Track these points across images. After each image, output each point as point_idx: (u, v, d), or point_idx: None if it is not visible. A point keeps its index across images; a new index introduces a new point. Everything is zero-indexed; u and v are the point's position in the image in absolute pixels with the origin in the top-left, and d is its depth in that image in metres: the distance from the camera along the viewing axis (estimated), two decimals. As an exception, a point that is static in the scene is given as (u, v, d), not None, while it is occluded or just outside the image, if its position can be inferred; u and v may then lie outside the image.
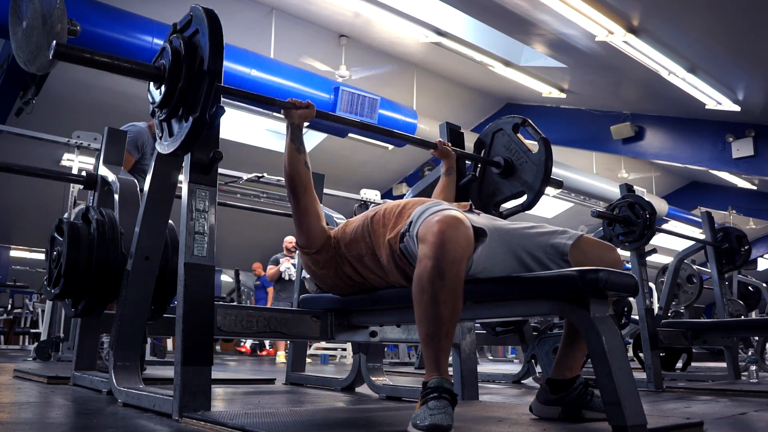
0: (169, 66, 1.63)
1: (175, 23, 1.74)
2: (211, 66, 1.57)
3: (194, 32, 1.65)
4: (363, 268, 1.82)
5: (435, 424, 1.28)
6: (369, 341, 2.33)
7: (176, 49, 1.64)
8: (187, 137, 1.61)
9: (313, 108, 1.90)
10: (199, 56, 1.60)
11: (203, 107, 1.57)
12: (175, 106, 1.64)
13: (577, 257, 1.56)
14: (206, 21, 1.60)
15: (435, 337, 1.39)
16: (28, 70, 2.44)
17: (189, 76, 1.61)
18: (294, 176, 1.85)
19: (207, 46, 1.57)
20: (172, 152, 1.70)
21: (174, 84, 1.63)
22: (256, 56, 5.97)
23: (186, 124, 1.60)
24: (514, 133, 2.33)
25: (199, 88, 1.58)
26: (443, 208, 1.57)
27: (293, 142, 1.86)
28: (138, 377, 2.11)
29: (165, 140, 1.72)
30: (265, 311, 2.06)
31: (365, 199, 6.50)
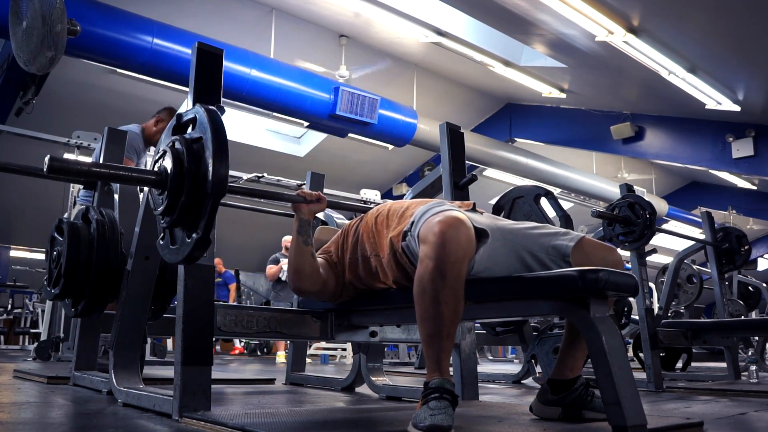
0: (171, 177, 1.52)
1: (179, 114, 1.62)
2: (215, 189, 1.44)
3: (197, 139, 1.52)
4: (364, 271, 1.82)
5: (435, 424, 1.28)
6: (369, 341, 2.33)
7: (179, 158, 1.52)
8: (190, 254, 1.51)
9: (324, 201, 1.87)
10: (203, 170, 1.47)
11: (206, 228, 1.48)
12: (177, 219, 1.54)
13: (579, 259, 1.56)
14: (211, 131, 1.47)
15: (436, 338, 1.39)
16: (28, 70, 2.44)
17: (191, 193, 1.49)
18: (300, 270, 1.81)
19: (211, 162, 1.44)
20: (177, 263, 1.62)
21: (176, 198, 1.52)
22: (256, 56, 5.97)
23: (188, 241, 1.51)
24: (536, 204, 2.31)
25: (202, 208, 1.47)
26: (445, 208, 1.57)
27: (300, 234, 1.82)
28: (138, 377, 2.11)
29: (167, 245, 1.61)
30: (265, 311, 2.06)
31: (365, 198, 6.50)
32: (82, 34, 3.49)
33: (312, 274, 1.82)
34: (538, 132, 9.01)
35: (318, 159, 8.81)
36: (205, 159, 1.47)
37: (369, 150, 8.84)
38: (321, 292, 1.87)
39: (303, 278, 1.81)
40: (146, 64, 5.29)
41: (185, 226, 1.52)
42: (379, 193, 6.94)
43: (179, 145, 1.53)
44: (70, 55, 4.82)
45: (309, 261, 1.81)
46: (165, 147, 1.58)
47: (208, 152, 1.47)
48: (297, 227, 1.82)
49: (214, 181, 1.44)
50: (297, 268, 1.81)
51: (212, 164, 1.44)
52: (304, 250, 1.81)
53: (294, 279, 1.82)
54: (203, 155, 1.48)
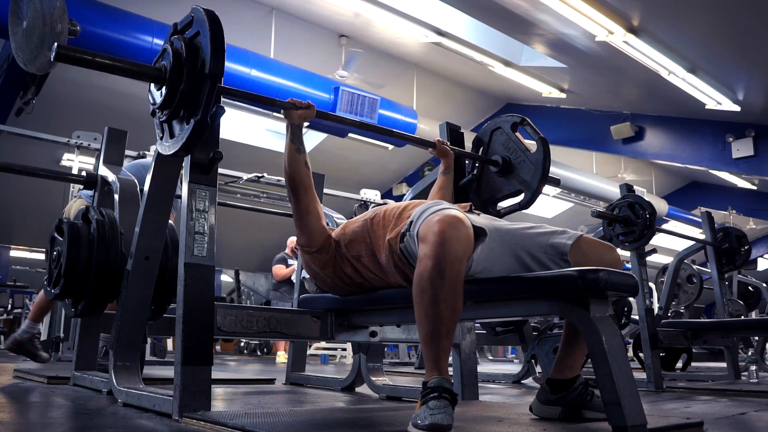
0: (170, 68, 1.62)
1: (175, 23, 1.73)
2: (212, 69, 1.55)
3: (195, 34, 1.64)
4: (363, 269, 1.83)
5: (435, 423, 1.28)
6: (369, 341, 2.33)
7: (177, 51, 1.63)
8: (189, 139, 1.61)
9: (313, 108, 1.90)
10: (201, 58, 1.59)
11: (205, 110, 1.57)
12: (176, 108, 1.64)
13: (577, 257, 1.56)
14: (207, 23, 1.58)
15: (435, 337, 1.39)
16: (28, 70, 2.44)
17: (190, 79, 1.60)
18: (294, 176, 1.86)
19: (209, 48, 1.56)
20: (173, 153, 1.70)
21: (175, 86, 1.62)
22: (256, 56, 5.97)
23: (187, 126, 1.60)
24: (513, 132, 2.33)
25: (201, 90, 1.58)
26: (444, 207, 1.57)
27: (293, 142, 1.87)
28: (138, 377, 2.11)
29: (166, 141, 1.71)
30: (265, 311, 2.06)
31: (365, 199, 6.49)
32: (82, 34, 3.49)
33: (307, 183, 1.86)
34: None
35: (318, 159, 8.78)
36: (203, 48, 1.58)
37: (369, 150, 8.84)
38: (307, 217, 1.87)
39: (298, 183, 1.85)
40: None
41: (184, 113, 1.61)
42: (379, 193, 6.94)
43: (177, 42, 1.64)
44: (70, 55, 4.81)
45: (303, 169, 1.86)
46: (164, 46, 1.68)
47: (205, 41, 1.57)
48: (290, 135, 1.87)
49: (211, 63, 1.54)
50: (292, 174, 1.85)
51: (210, 50, 1.55)
52: (297, 157, 1.86)
53: (290, 184, 1.86)
54: (201, 46, 1.59)
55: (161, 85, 1.66)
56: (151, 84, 1.75)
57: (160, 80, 1.65)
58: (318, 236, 1.88)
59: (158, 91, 1.69)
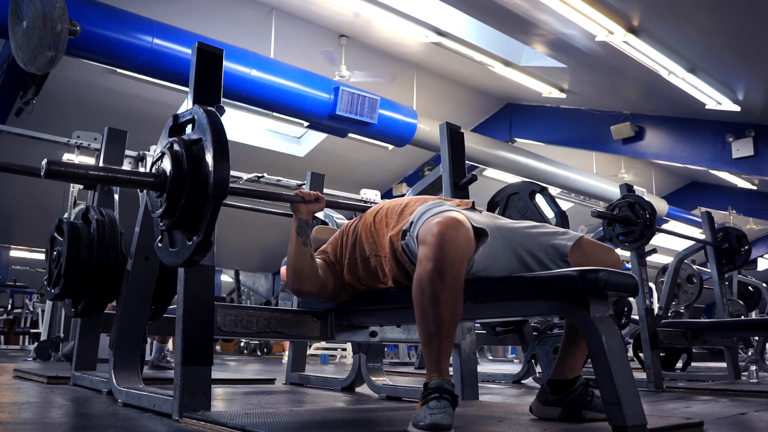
0: (170, 179, 1.49)
1: (175, 115, 1.60)
2: (216, 191, 1.41)
3: (197, 140, 1.49)
4: (363, 272, 1.82)
5: (435, 423, 1.28)
6: (369, 341, 2.33)
7: (178, 159, 1.49)
8: (190, 258, 1.48)
9: (322, 201, 1.86)
10: (203, 173, 1.44)
11: (207, 230, 1.44)
12: (177, 221, 1.51)
13: (578, 258, 1.56)
14: (210, 133, 1.44)
15: (435, 338, 1.39)
16: (28, 70, 2.44)
17: (192, 195, 1.46)
18: (299, 272, 1.79)
19: (212, 163, 1.41)
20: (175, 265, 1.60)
21: (176, 200, 1.48)
22: (256, 56, 5.97)
23: (189, 244, 1.47)
24: (531, 200, 2.29)
25: (203, 211, 1.44)
26: (444, 208, 1.56)
27: (299, 235, 1.80)
28: (138, 377, 2.11)
29: (166, 248, 1.58)
30: (265, 311, 2.06)
31: (365, 198, 6.49)
32: (82, 34, 3.50)
33: (311, 275, 1.81)
34: (538, 132, 9.01)
35: (318, 159, 8.80)
36: (206, 161, 1.44)
37: (369, 150, 8.84)
38: (320, 292, 1.86)
39: (302, 279, 1.81)
40: (146, 64, 5.28)
41: (185, 228, 1.49)
42: (379, 193, 6.93)
43: (178, 147, 1.50)
44: (70, 55, 4.81)
45: (308, 262, 1.80)
46: (163, 149, 1.55)
47: (208, 154, 1.43)
48: (296, 227, 1.81)
49: (215, 183, 1.40)
50: (296, 269, 1.80)
51: (213, 166, 1.41)
52: (303, 251, 1.80)
53: (294, 280, 1.82)
54: (203, 157, 1.45)
55: (161, 193, 1.54)
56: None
57: (160, 188, 1.53)
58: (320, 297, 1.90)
59: (157, 199, 1.56)
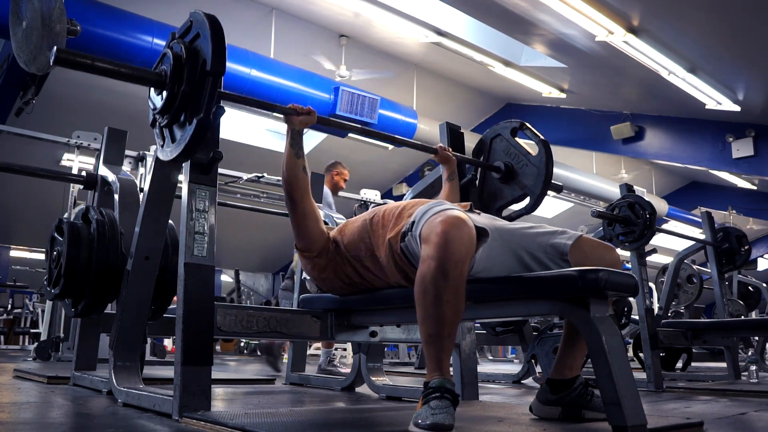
0: (170, 70, 1.59)
1: (173, 32, 1.70)
2: (214, 67, 1.52)
3: (195, 36, 1.61)
4: (362, 269, 1.83)
5: (437, 422, 1.28)
6: (369, 341, 2.33)
7: (177, 54, 1.60)
8: (191, 140, 1.56)
9: (314, 114, 1.89)
10: (201, 59, 1.57)
11: (207, 109, 1.53)
12: (177, 110, 1.60)
13: (577, 257, 1.56)
14: (207, 24, 1.56)
15: (437, 338, 1.39)
16: (29, 70, 2.44)
17: (191, 79, 1.57)
18: (292, 181, 1.85)
19: (209, 48, 1.53)
20: (175, 158, 1.66)
21: (176, 88, 1.58)
22: (256, 56, 5.97)
23: (189, 127, 1.56)
24: (513, 137, 2.32)
25: (203, 89, 1.54)
26: (446, 208, 1.56)
27: (292, 147, 1.86)
28: (138, 377, 2.11)
29: (167, 146, 1.67)
30: (265, 311, 2.06)
31: (365, 199, 6.49)
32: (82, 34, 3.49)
33: (305, 187, 1.86)
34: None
35: (318, 159, 8.78)
36: (203, 48, 1.55)
37: (369, 150, 8.83)
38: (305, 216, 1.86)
39: (295, 189, 1.85)
40: (146, 64, 5.27)
41: (186, 115, 1.57)
42: (379, 193, 6.93)
43: (176, 45, 1.61)
44: (70, 55, 4.81)
45: (301, 174, 1.85)
46: (163, 50, 1.66)
47: (205, 41, 1.54)
48: (289, 140, 1.87)
49: (213, 61, 1.51)
50: (290, 179, 1.85)
51: (211, 48, 1.52)
52: (296, 162, 1.85)
53: (288, 189, 1.86)
54: (201, 46, 1.56)
55: (161, 89, 1.63)
56: (150, 91, 1.72)
57: (160, 84, 1.62)
58: (317, 240, 1.88)
59: (158, 96, 1.65)
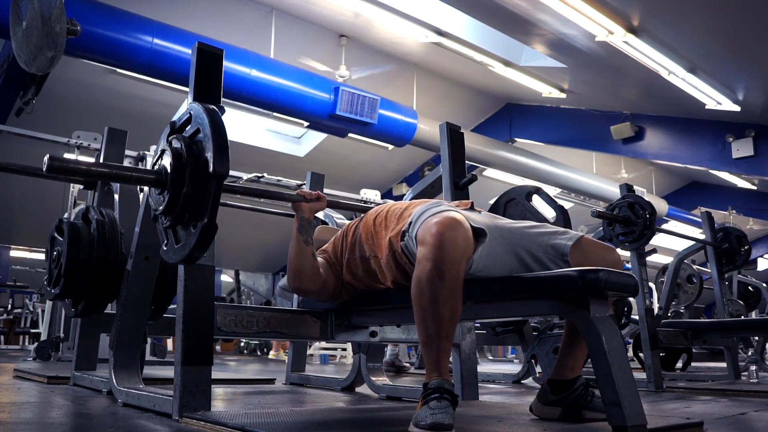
0: (171, 171, 1.50)
1: (173, 121, 1.62)
2: (217, 169, 1.43)
3: (195, 132, 1.52)
4: (363, 272, 1.82)
5: (437, 422, 1.28)
6: (369, 341, 2.33)
7: (177, 152, 1.51)
8: (196, 246, 1.47)
9: (323, 200, 1.87)
10: (203, 158, 1.47)
11: (212, 213, 1.45)
12: (180, 213, 1.51)
13: (578, 258, 1.56)
14: (207, 119, 1.48)
15: (435, 338, 1.39)
16: (29, 70, 2.44)
17: (194, 181, 1.48)
18: (300, 270, 1.80)
19: (211, 146, 1.45)
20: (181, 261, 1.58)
21: (178, 190, 1.49)
22: (256, 56, 5.97)
23: (194, 231, 1.47)
24: (528, 202, 2.29)
25: (206, 192, 1.45)
26: (442, 209, 1.56)
27: (301, 234, 1.80)
28: (138, 377, 2.11)
29: (170, 248, 1.57)
30: (265, 311, 2.06)
31: (365, 198, 6.49)
32: (82, 34, 3.49)
33: (312, 274, 1.82)
34: (538, 132, 9.01)
35: (318, 159, 8.80)
36: (205, 146, 1.47)
37: (369, 150, 8.83)
38: (321, 291, 1.87)
39: (303, 278, 1.81)
40: (146, 64, 5.28)
41: (189, 217, 1.50)
42: (379, 193, 6.93)
43: (176, 142, 1.53)
44: (70, 55, 4.81)
45: (310, 261, 1.81)
46: (162, 146, 1.57)
47: (206, 139, 1.47)
48: (297, 226, 1.82)
49: (215, 162, 1.43)
50: (298, 268, 1.81)
51: (213, 148, 1.44)
52: (304, 249, 1.80)
53: (294, 279, 1.82)
54: (202, 144, 1.48)
55: (162, 190, 1.54)
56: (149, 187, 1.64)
57: (160, 184, 1.54)
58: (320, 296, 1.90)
59: (159, 196, 1.56)
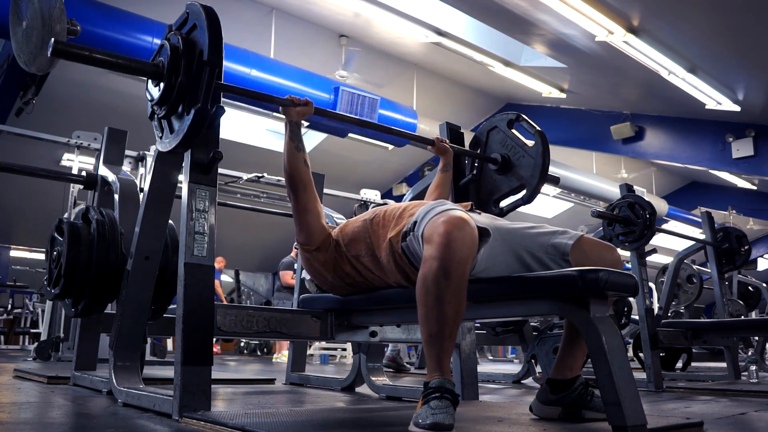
0: (167, 62, 1.60)
1: (170, 25, 1.72)
2: (211, 58, 1.53)
3: (192, 28, 1.62)
4: (363, 268, 1.83)
5: (437, 422, 1.28)
6: (369, 341, 2.33)
7: (174, 45, 1.61)
8: (190, 130, 1.57)
9: (311, 105, 1.90)
10: (198, 50, 1.58)
11: (205, 99, 1.53)
12: (175, 101, 1.61)
13: (578, 257, 1.56)
14: (203, 15, 1.58)
15: (438, 338, 1.39)
16: (29, 70, 2.44)
17: (188, 70, 1.58)
18: (294, 174, 1.86)
19: (206, 39, 1.55)
20: (173, 149, 1.67)
21: (173, 79, 1.59)
22: (256, 56, 5.97)
23: (187, 117, 1.57)
24: (509, 129, 2.33)
25: (200, 80, 1.55)
26: (448, 208, 1.56)
27: (292, 140, 1.87)
28: (138, 377, 2.11)
29: (165, 137, 1.68)
30: (265, 311, 2.06)
31: (365, 199, 6.49)
32: (82, 34, 3.49)
33: (306, 180, 1.86)
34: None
35: (318, 159, 8.77)
36: (200, 39, 1.55)
37: (369, 150, 8.83)
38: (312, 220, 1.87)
39: (297, 181, 1.85)
40: (146, 65, 5.29)
41: (184, 105, 1.57)
42: (379, 193, 6.93)
43: (174, 37, 1.62)
44: (70, 55, 4.81)
45: (303, 167, 1.86)
46: (161, 42, 1.66)
47: (201, 32, 1.55)
48: (289, 133, 1.87)
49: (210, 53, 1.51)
50: (292, 172, 1.85)
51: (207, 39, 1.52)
52: (296, 155, 1.85)
53: (290, 181, 1.86)
54: (198, 38, 1.56)
55: (159, 81, 1.64)
56: (148, 83, 1.73)
57: (157, 75, 1.63)
58: (317, 234, 1.88)
59: (156, 88, 1.67)
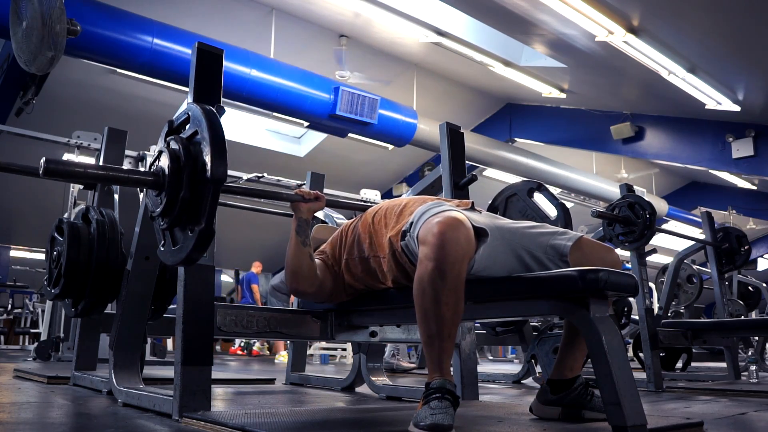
0: (169, 174, 1.49)
1: (170, 120, 1.60)
2: (215, 174, 1.41)
3: (193, 134, 1.51)
4: (362, 272, 1.82)
5: (436, 423, 1.28)
6: (369, 341, 2.33)
7: (175, 154, 1.50)
8: (193, 250, 1.47)
9: (322, 200, 1.86)
10: (201, 161, 1.45)
11: (209, 218, 1.44)
12: (177, 216, 1.50)
13: (577, 258, 1.56)
14: (205, 121, 1.46)
15: (437, 339, 1.39)
16: (29, 70, 2.44)
17: (191, 185, 1.46)
18: (297, 271, 1.80)
19: (209, 150, 1.43)
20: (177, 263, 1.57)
21: (175, 194, 1.48)
22: (256, 56, 5.97)
23: (191, 236, 1.47)
24: (530, 198, 2.30)
25: (203, 197, 1.44)
26: (444, 208, 1.56)
27: (299, 234, 1.80)
28: (138, 377, 2.11)
29: (168, 249, 1.57)
30: (265, 311, 2.06)
31: (365, 198, 6.49)
32: (82, 34, 3.49)
33: (310, 275, 1.81)
34: (538, 132, 9.02)
35: (318, 159, 8.80)
36: (202, 150, 1.45)
37: (369, 150, 8.84)
38: (318, 293, 1.86)
39: (300, 279, 1.81)
40: (146, 64, 5.29)
41: (186, 221, 1.49)
42: (379, 193, 6.93)
43: (174, 144, 1.52)
44: (70, 55, 4.82)
45: (307, 262, 1.80)
46: (160, 148, 1.55)
47: (204, 142, 1.45)
48: (295, 227, 1.81)
49: (213, 168, 1.41)
50: (295, 269, 1.80)
51: (210, 152, 1.42)
52: (302, 251, 1.80)
53: (292, 280, 1.82)
54: (200, 147, 1.47)
55: (160, 192, 1.53)
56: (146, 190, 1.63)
57: (158, 187, 1.53)
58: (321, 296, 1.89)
59: (156, 198, 1.56)
